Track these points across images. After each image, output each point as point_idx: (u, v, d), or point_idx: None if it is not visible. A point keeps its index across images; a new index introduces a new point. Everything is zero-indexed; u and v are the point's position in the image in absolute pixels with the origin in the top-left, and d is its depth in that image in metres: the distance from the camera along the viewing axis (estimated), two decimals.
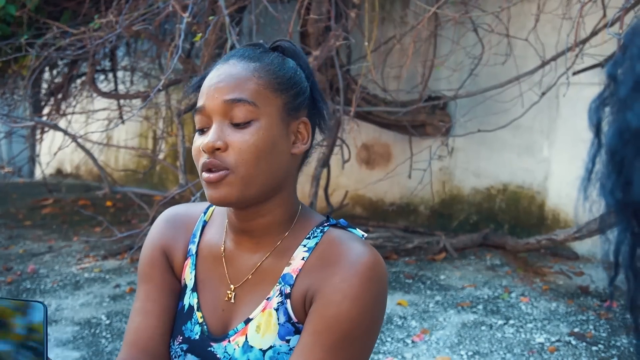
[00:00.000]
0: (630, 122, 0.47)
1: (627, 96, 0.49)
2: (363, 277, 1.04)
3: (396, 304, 3.85)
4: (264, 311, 1.11)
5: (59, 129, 5.11)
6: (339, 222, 1.18)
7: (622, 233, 0.48)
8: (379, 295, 1.07)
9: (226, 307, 1.17)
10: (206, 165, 1.06)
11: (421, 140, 5.33)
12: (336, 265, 1.07)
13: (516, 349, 3.20)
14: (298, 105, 1.13)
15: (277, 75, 1.11)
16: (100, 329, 3.73)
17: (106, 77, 7.25)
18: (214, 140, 1.05)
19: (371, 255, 1.07)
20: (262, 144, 1.06)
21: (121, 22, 4.13)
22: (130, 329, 1.19)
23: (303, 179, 4.98)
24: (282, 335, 1.10)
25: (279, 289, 1.11)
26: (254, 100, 1.06)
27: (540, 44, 4.47)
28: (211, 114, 1.08)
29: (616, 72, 0.52)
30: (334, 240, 1.12)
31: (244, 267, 1.16)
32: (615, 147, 0.48)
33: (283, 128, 1.10)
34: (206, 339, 1.15)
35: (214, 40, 4.26)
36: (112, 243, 5.30)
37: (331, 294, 1.04)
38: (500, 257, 4.62)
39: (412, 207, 5.73)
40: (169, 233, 1.25)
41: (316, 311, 1.05)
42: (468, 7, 4.48)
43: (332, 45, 4.20)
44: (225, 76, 1.08)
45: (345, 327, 1.03)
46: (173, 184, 7.53)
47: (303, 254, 1.12)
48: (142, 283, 1.24)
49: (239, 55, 1.13)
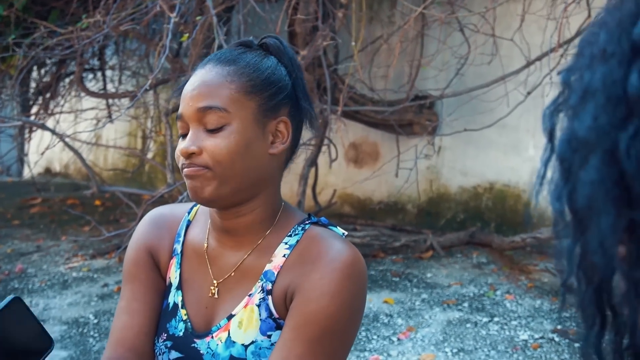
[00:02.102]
0: (577, 131, 0.49)
1: (576, 105, 0.51)
2: (342, 274, 1.07)
3: (383, 302, 3.88)
4: (246, 307, 1.13)
5: (47, 128, 5.11)
6: (320, 220, 1.20)
7: (570, 238, 0.50)
8: (357, 292, 1.09)
9: (210, 304, 1.19)
10: (185, 167, 1.10)
11: (409, 139, 5.36)
12: (316, 262, 1.09)
13: (500, 346, 3.24)
14: (275, 105, 1.14)
15: (251, 77, 1.12)
16: (88, 328, 3.74)
17: (95, 76, 7.25)
18: (188, 146, 1.08)
19: (350, 252, 1.10)
20: (235, 147, 1.08)
21: (108, 21, 4.14)
22: (116, 327, 1.21)
23: (292, 178, 4.97)
24: (263, 331, 1.12)
25: (261, 285, 1.13)
26: (225, 106, 1.09)
27: (525, 44, 4.51)
28: (188, 121, 1.12)
29: (570, 79, 0.55)
30: (314, 237, 1.14)
31: (227, 264, 1.18)
32: (564, 155, 0.51)
33: (258, 129, 1.12)
34: (190, 335, 1.17)
35: (202, 39, 4.27)
36: (100, 242, 5.30)
37: (311, 291, 1.07)
38: (486, 255, 4.66)
39: (400, 205, 5.77)
40: (154, 233, 1.27)
41: (296, 307, 1.08)
42: (454, 7, 4.52)
43: (320, 45, 4.22)
44: (198, 84, 1.11)
45: (325, 323, 1.05)
46: (162, 182, 7.52)
47: (284, 251, 1.14)
48: (128, 282, 1.26)
49: (216, 58, 1.15)
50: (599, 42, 0.52)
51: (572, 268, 0.51)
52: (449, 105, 5.16)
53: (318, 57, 4.45)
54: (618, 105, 0.47)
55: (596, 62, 0.51)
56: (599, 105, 0.48)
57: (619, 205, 0.46)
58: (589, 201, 0.47)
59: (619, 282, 0.48)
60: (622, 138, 0.46)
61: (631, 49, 0.48)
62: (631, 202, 0.46)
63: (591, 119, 0.48)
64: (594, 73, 0.50)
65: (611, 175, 0.46)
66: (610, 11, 0.54)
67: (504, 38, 4.59)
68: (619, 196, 0.46)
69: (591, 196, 0.47)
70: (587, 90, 0.50)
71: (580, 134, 0.49)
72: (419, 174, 5.26)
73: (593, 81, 0.50)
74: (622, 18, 0.51)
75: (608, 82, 0.48)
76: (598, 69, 0.50)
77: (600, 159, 0.47)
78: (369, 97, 5.18)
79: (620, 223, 0.46)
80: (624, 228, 0.47)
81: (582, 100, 0.50)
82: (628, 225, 0.46)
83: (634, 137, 0.45)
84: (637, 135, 0.45)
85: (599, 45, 0.52)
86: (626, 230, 0.47)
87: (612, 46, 0.50)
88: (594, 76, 0.50)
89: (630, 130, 0.46)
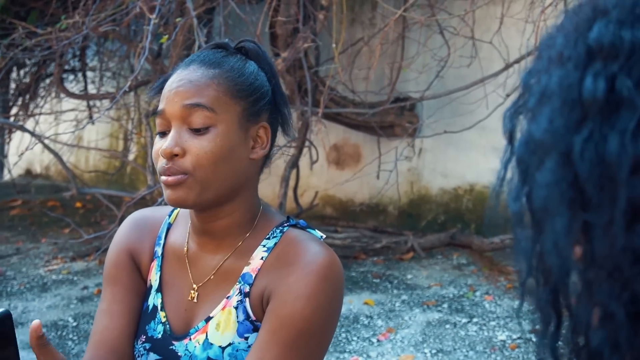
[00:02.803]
0: (534, 134, 0.50)
1: (534, 107, 0.52)
2: (318, 276, 1.07)
3: (363, 304, 3.89)
4: (224, 309, 1.14)
5: (25, 129, 5.07)
6: (299, 222, 1.21)
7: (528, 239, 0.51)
8: (334, 295, 1.10)
9: (189, 306, 1.19)
10: (164, 171, 1.08)
11: (390, 141, 5.38)
12: (293, 264, 1.10)
13: (479, 347, 3.26)
14: (258, 111, 1.15)
15: (237, 82, 1.12)
16: (67, 331, 3.71)
17: (76, 77, 7.19)
18: (171, 147, 1.07)
19: (327, 255, 1.10)
20: (219, 151, 1.08)
21: (88, 22, 4.11)
22: (96, 329, 1.21)
23: (273, 180, 4.95)
24: (241, 333, 1.12)
25: (239, 287, 1.14)
26: (212, 106, 1.08)
27: (504, 47, 4.54)
28: (170, 118, 1.10)
29: (529, 81, 0.56)
30: (292, 240, 1.15)
31: (207, 267, 1.19)
32: (522, 157, 0.52)
33: (242, 134, 1.12)
34: (168, 337, 1.18)
35: (183, 41, 4.26)
36: (80, 244, 5.27)
37: (287, 293, 1.07)
38: (467, 256, 4.69)
39: (382, 207, 5.78)
40: (136, 235, 1.27)
41: (272, 310, 1.08)
42: (434, 10, 4.54)
43: (300, 46, 4.23)
44: (185, 81, 1.10)
45: (300, 326, 1.06)
46: (143, 184, 7.48)
47: (262, 253, 1.14)
48: (108, 285, 1.25)
49: (199, 60, 1.14)
50: (556, 46, 0.53)
51: (530, 269, 0.52)
52: (430, 108, 5.18)
53: (299, 59, 4.45)
54: (573, 108, 0.48)
55: (553, 65, 0.52)
56: (555, 108, 0.49)
57: (573, 207, 0.47)
58: (544, 203, 0.48)
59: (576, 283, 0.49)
60: (576, 141, 0.47)
61: (587, 53, 0.49)
62: (585, 204, 0.46)
63: (547, 122, 0.49)
64: (550, 76, 0.51)
65: (566, 177, 0.47)
66: (569, 15, 0.55)
67: (483, 41, 4.62)
68: (573, 198, 0.47)
69: (546, 198, 0.48)
70: (544, 93, 0.51)
71: (537, 136, 0.49)
72: (400, 176, 5.28)
73: (550, 84, 0.51)
74: (579, 22, 0.52)
75: (564, 85, 0.49)
76: (555, 72, 0.51)
77: (556, 162, 0.48)
78: (350, 99, 5.19)
79: (575, 224, 0.47)
80: (580, 229, 0.47)
81: (539, 103, 0.51)
82: (583, 226, 0.47)
83: (587, 140, 0.46)
84: (590, 138, 0.46)
85: (556, 48, 0.53)
86: (582, 231, 0.48)
87: (568, 50, 0.51)
88: (550, 79, 0.51)
89: (584, 133, 0.47)
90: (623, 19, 0.48)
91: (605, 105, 0.46)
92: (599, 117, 0.46)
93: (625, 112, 0.45)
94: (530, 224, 0.51)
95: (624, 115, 0.45)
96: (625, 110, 0.45)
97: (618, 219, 0.44)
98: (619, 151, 0.44)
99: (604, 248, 0.45)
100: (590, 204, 0.46)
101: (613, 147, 0.44)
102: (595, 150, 0.46)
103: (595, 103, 0.46)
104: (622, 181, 0.44)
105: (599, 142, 0.46)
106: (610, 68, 0.47)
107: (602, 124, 0.46)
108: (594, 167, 0.45)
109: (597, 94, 0.46)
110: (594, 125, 0.46)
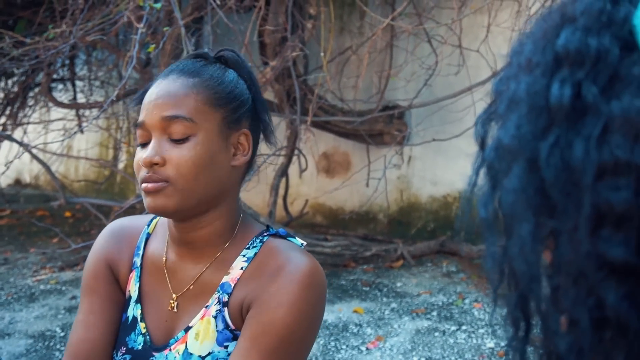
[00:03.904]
0: (502, 140, 0.50)
1: (503, 113, 0.52)
2: (300, 284, 1.07)
3: (352, 312, 3.88)
4: (203, 319, 1.13)
5: (12, 139, 5.05)
6: (278, 231, 1.21)
7: (498, 245, 0.51)
8: (315, 303, 1.10)
9: (169, 317, 1.19)
10: (145, 178, 1.08)
11: (379, 149, 5.39)
12: (274, 274, 1.10)
13: (467, 354, 3.26)
14: (238, 118, 1.15)
15: (216, 90, 1.13)
16: (54, 341, 3.69)
17: (65, 86, 7.18)
18: (151, 156, 1.07)
19: (308, 263, 1.10)
20: (200, 159, 1.08)
21: (75, 32, 4.11)
22: (72, 341, 1.20)
23: (263, 188, 4.94)
24: (220, 342, 1.12)
25: (217, 297, 1.13)
26: (191, 116, 1.08)
27: (492, 55, 4.57)
28: (150, 130, 1.10)
29: (500, 87, 0.56)
30: (272, 249, 1.15)
31: (186, 277, 1.18)
32: (492, 162, 0.52)
33: (222, 141, 1.12)
34: (148, 348, 1.17)
35: (171, 50, 4.26)
36: (69, 254, 5.24)
37: (268, 301, 1.07)
38: (456, 264, 4.69)
39: (372, 215, 5.79)
40: (114, 246, 1.26)
41: (254, 316, 1.08)
42: (422, 18, 4.56)
43: (289, 55, 4.24)
44: (164, 92, 1.10)
45: (282, 333, 1.06)
46: (133, 193, 7.46)
47: (242, 263, 1.14)
48: (85, 295, 1.25)
49: (178, 70, 1.14)
50: (525, 53, 0.53)
51: (500, 274, 0.52)
52: (418, 116, 5.20)
53: (287, 67, 4.46)
54: (540, 114, 0.48)
55: (522, 72, 0.52)
56: (523, 115, 0.49)
57: (539, 212, 0.47)
58: (512, 208, 0.48)
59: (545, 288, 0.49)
60: (542, 147, 0.47)
61: (554, 60, 0.49)
62: (551, 210, 0.47)
63: (515, 128, 0.49)
64: (519, 83, 0.51)
65: (532, 183, 0.47)
66: (538, 22, 0.56)
67: (471, 49, 4.64)
68: (540, 204, 0.47)
69: (513, 203, 0.48)
70: (512, 100, 0.52)
71: (505, 142, 0.50)
72: (390, 184, 5.29)
73: (518, 91, 0.51)
74: (548, 29, 0.52)
75: (531, 91, 0.50)
76: (523, 78, 0.51)
77: (522, 167, 0.48)
78: (338, 107, 5.21)
79: (541, 230, 0.47)
80: (547, 234, 0.48)
81: (508, 109, 0.52)
82: (552, 232, 0.47)
83: (553, 146, 0.46)
84: (556, 144, 0.46)
85: (525, 55, 0.53)
86: (551, 237, 0.48)
87: (536, 57, 0.51)
88: (519, 86, 0.51)
89: (550, 139, 0.47)
90: (590, 26, 0.48)
91: (572, 112, 0.46)
92: (565, 123, 0.46)
93: (591, 119, 0.45)
94: (497, 230, 0.51)
95: (589, 122, 0.45)
96: (591, 117, 0.45)
97: (583, 225, 0.44)
98: (583, 157, 0.44)
99: (569, 254, 0.45)
100: (556, 209, 0.46)
101: (578, 153, 0.45)
102: (561, 156, 0.46)
103: (562, 109, 0.47)
104: (586, 187, 0.44)
105: (565, 148, 0.46)
106: (577, 75, 0.47)
107: (568, 130, 0.46)
108: (560, 173, 0.46)
109: (563, 100, 0.47)
110: (560, 132, 0.46)
